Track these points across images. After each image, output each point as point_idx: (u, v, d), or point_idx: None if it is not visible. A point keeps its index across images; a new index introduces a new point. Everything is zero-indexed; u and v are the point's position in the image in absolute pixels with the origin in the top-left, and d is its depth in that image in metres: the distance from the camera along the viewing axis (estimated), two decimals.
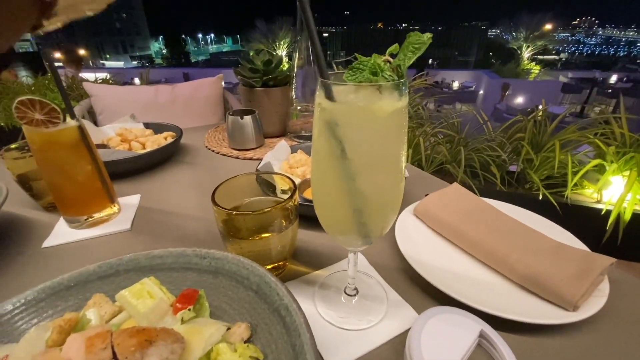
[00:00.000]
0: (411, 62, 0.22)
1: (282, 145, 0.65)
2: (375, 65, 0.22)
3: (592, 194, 1.56)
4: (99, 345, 0.21)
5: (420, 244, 0.43)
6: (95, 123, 1.19)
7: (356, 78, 0.23)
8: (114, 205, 0.53)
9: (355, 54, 0.24)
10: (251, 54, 0.86)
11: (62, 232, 0.49)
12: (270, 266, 0.39)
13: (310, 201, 0.47)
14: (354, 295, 0.37)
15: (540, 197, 1.52)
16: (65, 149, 0.45)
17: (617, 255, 1.49)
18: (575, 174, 1.48)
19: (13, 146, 0.53)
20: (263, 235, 0.37)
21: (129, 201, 0.57)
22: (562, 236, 0.43)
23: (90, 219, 0.50)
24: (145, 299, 0.29)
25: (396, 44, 0.22)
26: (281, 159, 0.63)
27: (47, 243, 0.46)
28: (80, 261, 0.44)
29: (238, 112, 0.78)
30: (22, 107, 0.41)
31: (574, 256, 0.37)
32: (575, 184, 1.52)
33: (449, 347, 0.29)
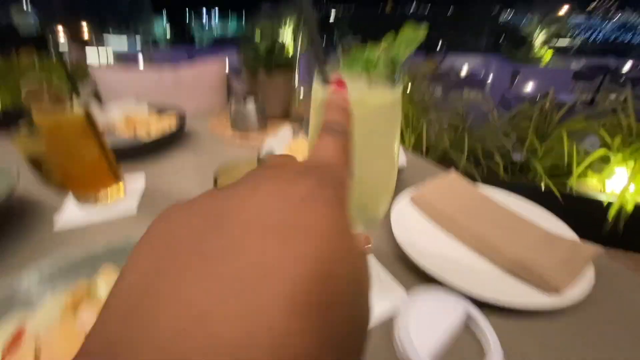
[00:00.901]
0: (405, 58, 0.22)
1: (285, 130, 0.66)
2: (370, 57, 0.23)
3: (596, 184, 1.56)
4: None
5: (413, 229, 0.44)
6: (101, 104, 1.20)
7: (350, 68, 0.23)
8: (120, 188, 0.55)
9: (353, 43, 0.24)
10: (256, 38, 0.86)
11: (71, 214, 0.51)
12: None
13: None
14: None
15: (543, 187, 1.52)
16: (73, 131, 0.47)
17: (618, 245, 1.50)
18: (579, 164, 1.48)
19: (23, 128, 0.55)
20: None
21: (135, 184, 0.59)
22: (556, 225, 0.44)
23: (98, 200, 0.52)
24: None
25: (392, 32, 0.23)
26: (283, 144, 0.64)
27: (57, 226, 0.49)
28: (88, 241, 0.46)
29: (241, 96, 0.78)
30: (31, 93, 0.43)
31: (561, 245, 0.38)
32: (579, 175, 1.51)
33: (436, 325, 0.31)
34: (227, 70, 1.37)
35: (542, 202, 0.49)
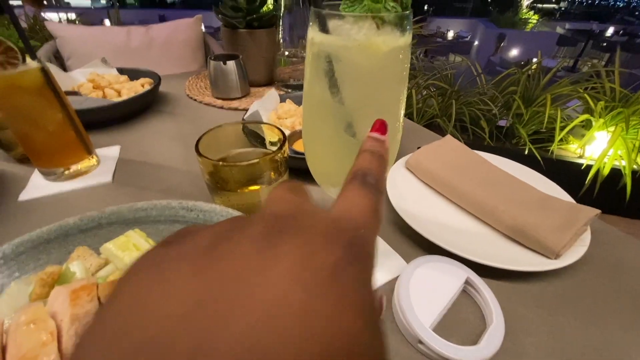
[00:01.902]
0: None
1: (271, 94, 0.61)
2: None
3: (576, 149, 1.60)
4: (84, 298, 0.20)
5: (410, 196, 0.43)
6: (64, 68, 1.09)
7: (355, 8, 0.20)
8: (92, 157, 0.50)
9: None
10: None
11: (38, 185, 0.46)
12: None
13: (301, 154, 0.45)
14: None
15: (527, 152, 1.55)
16: (29, 93, 0.41)
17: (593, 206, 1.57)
18: (562, 129, 1.50)
19: None
20: (252, 187, 0.36)
21: (108, 152, 0.54)
22: (547, 187, 0.43)
23: (67, 172, 0.47)
24: (132, 251, 0.28)
25: None
26: (269, 109, 0.60)
27: (23, 196, 0.44)
28: (60, 215, 0.42)
29: (220, 57, 0.72)
30: None
31: (559, 207, 0.37)
32: (562, 139, 1.54)
33: (436, 292, 0.31)
34: (203, 29, 1.26)
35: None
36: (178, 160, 0.54)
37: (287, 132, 0.50)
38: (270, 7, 0.76)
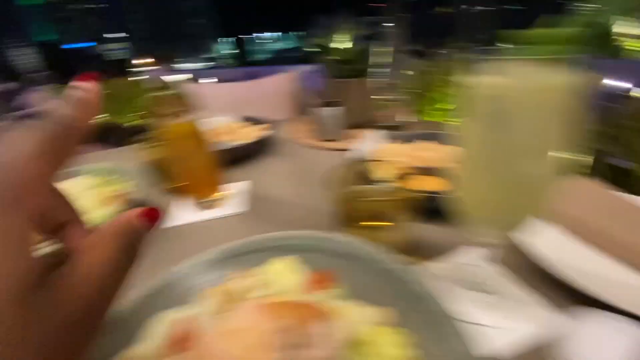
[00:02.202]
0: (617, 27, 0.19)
1: (371, 135, 0.65)
2: (570, 31, 0.20)
3: None
4: (279, 313, 0.23)
5: (552, 241, 0.39)
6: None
7: (544, 51, 0.21)
8: (225, 190, 0.58)
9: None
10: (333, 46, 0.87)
11: (181, 214, 0.55)
12: None
13: (431, 193, 0.45)
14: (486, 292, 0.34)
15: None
16: (188, 138, 0.51)
17: None
18: None
19: (144, 138, 0.62)
20: (382, 223, 0.37)
21: (240, 186, 0.62)
22: None
23: (208, 201, 0.55)
24: (289, 275, 0.31)
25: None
26: (372, 148, 0.63)
27: (173, 222, 0.53)
28: (205, 239, 0.49)
29: (323, 104, 0.79)
30: (161, 102, 0.47)
31: None
32: None
33: (609, 355, 0.26)
34: (295, 83, 1.42)
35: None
36: (298, 195, 0.59)
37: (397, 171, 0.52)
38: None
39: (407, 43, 0.75)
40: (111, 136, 3.07)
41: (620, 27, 0.24)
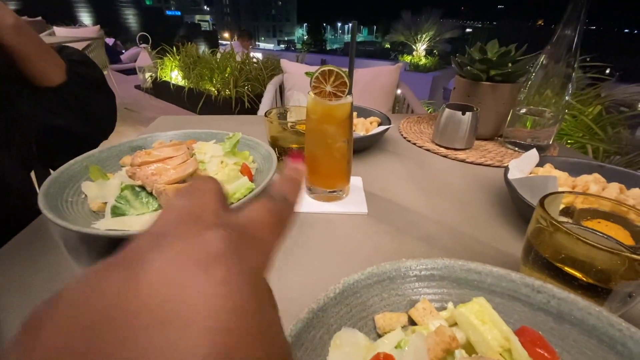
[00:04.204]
0: None
1: (530, 155, 0.54)
2: None
3: None
4: None
5: None
6: (282, 98, 1.31)
7: None
8: (348, 184, 0.53)
9: None
10: (474, 47, 0.77)
11: (306, 201, 0.51)
12: None
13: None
14: None
15: None
16: (336, 123, 0.45)
17: None
18: None
19: (274, 111, 0.58)
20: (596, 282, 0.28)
21: (354, 182, 0.56)
22: None
23: (330, 193, 0.50)
24: (487, 324, 0.24)
25: None
26: (525, 171, 0.53)
27: (299, 209, 0.49)
28: (331, 233, 0.44)
29: (454, 106, 0.70)
30: (320, 77, 0.42)
31: None
32: None
33: None
34: (399, 76, 1.33)
35: None
36: (422, 205, 0.51)
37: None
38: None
39: (573, 57, 0.61)
40: (197, 102, 3.26)
41: None
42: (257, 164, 0.52)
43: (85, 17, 8.79)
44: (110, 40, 5.55)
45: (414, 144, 0.75)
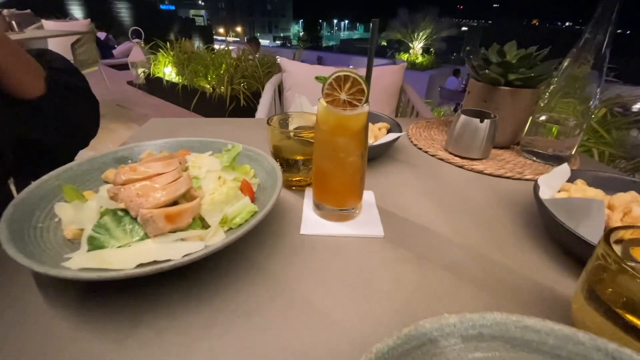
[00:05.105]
0: None
1: (561, 169, 0.49)
2: None
3: None
4: None
5: None
6: (281, 98, 1.25)
7: None
8: (360, 201, 0.47)
9: None
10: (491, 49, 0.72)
11: (314, 221, 0.45)
12: None
13: None
14: None
15: None
16: (351, 134, 0.40)
17: None
18: None
19: (276, 117, 0.52)
20: None
21: (366, 197, 0.51)
22: None
23: (342, 212, 0.45)
24: None
25: None
26: (554, 187, 0.48)
27: (304, 230, 0.43)
28: (342, 259, 0.39)
29: (470, 112, 0.65)
30: (334, 83, 0.37)
31: None
32: None
33: None
34: (402, 76, 1.27)
35: None
36: (442, 225, 0.46)
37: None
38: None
39: (602, 62, 0.57)
40: (191, 99, 3.18)
41: None
42: (258, 179, 0.46)
43: (76, 10, 8.56)
44: (102, 35, 5.40)
45: (426, 152, 0.70)
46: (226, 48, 3.33)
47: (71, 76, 0.50)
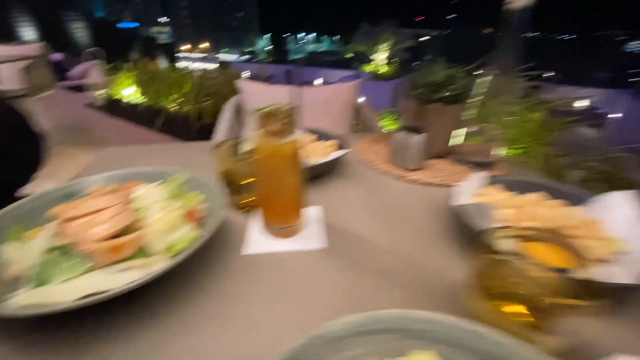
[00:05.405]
0: None
1: (477, 177, 0.56)
2: None
3: None
4: None
5: None
6: (241, 120, 1.28)
7: None
8: (304, 218, 0.51)
9: None
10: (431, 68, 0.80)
11: (258, 240, 0.49)
12: None
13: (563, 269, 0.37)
14: None
15: None
16: (283, 160, 0.44)
17: None
18: None
19: (227, 143, 0.56)
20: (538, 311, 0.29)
21: (312, 213, 0.55)
22: None
23: (284, 229, 0.49)
24: None
25: None
26: (471, 193, 0.55)
27: (245, 251, 0.47)
28: (278, 271, 0.43)
29: (407, 128, 0.72)
30: (266, 116, 0.41)
31: None
32: None
33: None
34: (357, 93, 1.35)
35: None
36: (380, 235, 0.51)
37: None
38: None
39: (516, 67, 0.66)
40: (155, 120, 3.12)
41: None
42: (209, 204, 0.49)
43: (28, 32, 8.18)
44: (58, 56, 5.20)
45: (371, 166, 0.76)
46: (189, 67, 3.33)
47: (7, 116, 0.51)
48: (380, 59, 10.02)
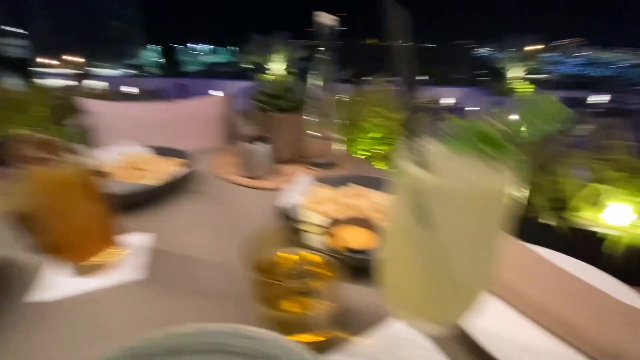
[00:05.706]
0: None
1: (302, 178, 0.60)
2: (489, 134, 0.18)
3: (595, 217, 1.55)
4: None
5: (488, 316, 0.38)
6: (92, 142, 1.12)
7: (464, 147, 0.18)
8: (118, 248, 0.47)
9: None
10: (268, 78, 0.83)
11: (59, 282, 0.42)
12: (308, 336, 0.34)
13: (355, 252, 0.42)
14: None
15: (543, 221, 1.50)
16: (66, 188, 0.40)
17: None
18: (576, 197, 1.47)
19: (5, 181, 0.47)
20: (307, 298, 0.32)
21: (140, 241, 0.51)
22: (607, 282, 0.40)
23: (91, 265, 0.44)
24: None
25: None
26: (302, 193, 0.59)
27: (32, 297, 0.40)
28: (87, 320, 0.38)
29: (250, 138, 0.73)
30: (23, 144, 0.36)
31: None
32: (576, 208, 1.50)
33: None
34: (225, 107, 1.33)
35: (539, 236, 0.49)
36: (211, 249, 0.50)
37: (323, 220, 0.48)
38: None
39: (339, 71, 0.74)
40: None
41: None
42: None
43: None
44: None
45: (222, 178, 0.75)
46: (46, 84, 2.80)
47: None
48: (277, 68, 10.24)
